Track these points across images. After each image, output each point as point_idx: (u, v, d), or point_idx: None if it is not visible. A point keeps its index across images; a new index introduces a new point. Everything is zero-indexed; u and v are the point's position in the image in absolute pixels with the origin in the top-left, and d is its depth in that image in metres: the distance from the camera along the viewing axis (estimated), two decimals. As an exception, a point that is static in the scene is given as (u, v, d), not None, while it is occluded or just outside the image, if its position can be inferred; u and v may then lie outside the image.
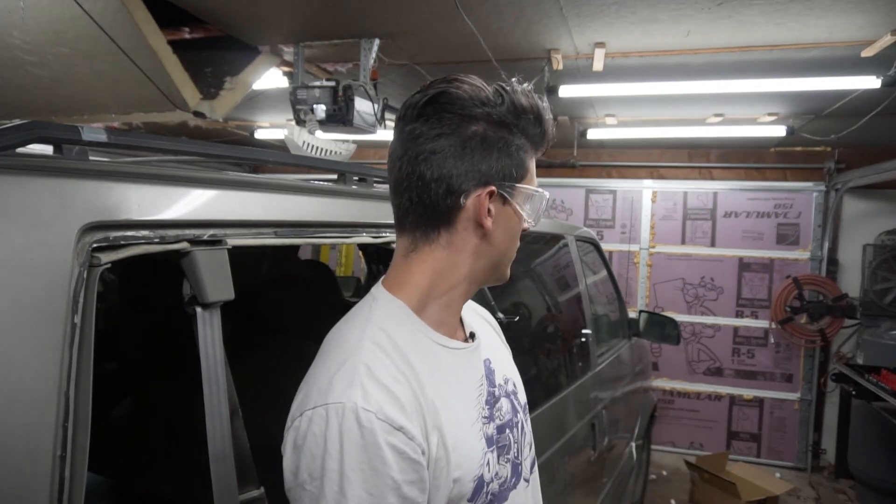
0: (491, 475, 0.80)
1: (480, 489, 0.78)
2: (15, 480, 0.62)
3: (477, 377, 0.85)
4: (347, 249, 5.15)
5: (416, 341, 0.78)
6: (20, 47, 2.31)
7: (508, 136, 0.79)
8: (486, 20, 2.33)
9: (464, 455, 0.76)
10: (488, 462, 0.80)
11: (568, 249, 2.55)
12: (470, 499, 0.77)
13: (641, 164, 4.94)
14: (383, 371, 0.73)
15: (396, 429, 0.69)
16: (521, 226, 0.84)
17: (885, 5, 2.03)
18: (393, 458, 0.68)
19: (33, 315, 0.65)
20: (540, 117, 0.81)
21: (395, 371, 0.73)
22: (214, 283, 0.88)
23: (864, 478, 3.64)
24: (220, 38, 2.67)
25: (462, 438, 0.77)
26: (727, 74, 2.84)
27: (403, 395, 0.72)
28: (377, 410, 0.69)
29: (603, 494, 2.43)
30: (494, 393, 0.87)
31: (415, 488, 0.70)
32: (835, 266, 4.54)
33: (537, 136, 0.82)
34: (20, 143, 0.71)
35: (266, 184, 1.05)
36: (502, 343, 1.02)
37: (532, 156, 0.83)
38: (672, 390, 4.87)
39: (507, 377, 0.92)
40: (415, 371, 0.75)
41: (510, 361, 0.98)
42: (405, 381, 0.73)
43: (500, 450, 0.84)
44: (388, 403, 0.70)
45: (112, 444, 1.66)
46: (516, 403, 0.92)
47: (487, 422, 0.83)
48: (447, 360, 0.81)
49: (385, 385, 0.71)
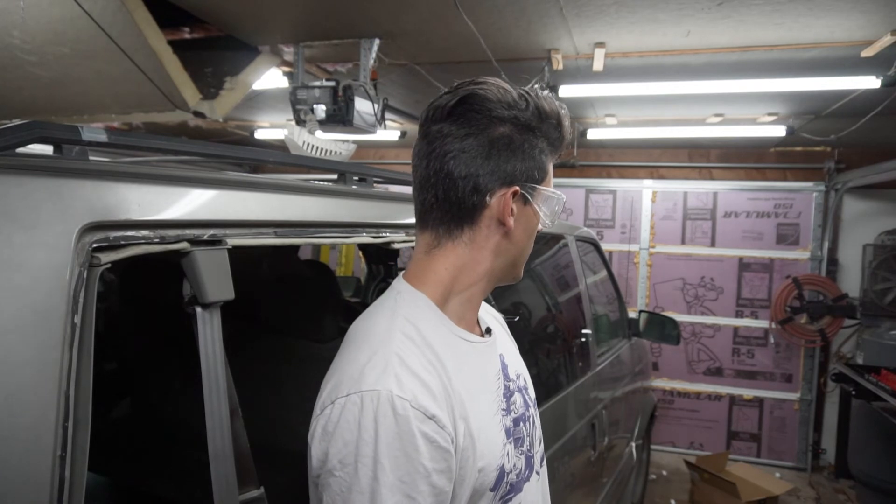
0: (510, 466, 0.82)
1: (502, 479, 0.80)
2: (15, 480, 0.62)
3: (495, 370, 0.88)
4: (347, 249, 5.15)
5: (440, 334, 0.81)
6: (20, 47, 2.31)
7: (532, 138, 0.82)
8: (486, 20, 2.33)
9: (487, 445, 0.78)
10: (508, 453, 0.82)
11: (568, 249, 2.55)
12: (492, 488, 0.79)
13: (641, 164, 4.95)
14: (415, 361, 0.74)
15: (429, 417, 0.71)
16: (539, 226, 0.87)
17: (885, 5, 2.03)
18: (425, 447, 0.70)
19: (33, 315, 0.65)
20: (560, 122, 0.84)
21: (426, 362, 0.75)
22: (214, 283, 0.88)
23: (864, 478, 3.64)
24: (220, 38, 2.67)
25: (485, 429, 0.79)
26: (727, 74, 2.84)
27: (434, 384, 0.74)
28: (412, 399, 0.70)
29: (603, 494, 2.43)
30: (510, 387, 0.89)
31: (443, 477, 0.71)
32: (835, 266, 4.54)
33: (557, 140, 0.85)
34: (20, 143, 0.71)
35: (266, 184, 1.05)
36: (511, 339, 1.05)
37: (551, 159, 0.86)
38: (672, 390, 4.87)
39: (518, 372, 0.95)
40: (442, 362, 0.77)
41: (519, 357, 1.01)
42: (435, 372, 0.75)
43: (516, 442, 0.86)
44: (422, 392, 0.72)
45: (112, 444, 1.66)
46: (527, 398, 0.94)
47: (506, 414, 0.85)
48: (469, 353, 0.84)
49: (418, 374, 0.73)
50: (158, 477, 1.68)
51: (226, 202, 0.96)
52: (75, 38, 2.23)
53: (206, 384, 0.87)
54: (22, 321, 0.64)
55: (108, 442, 1.50)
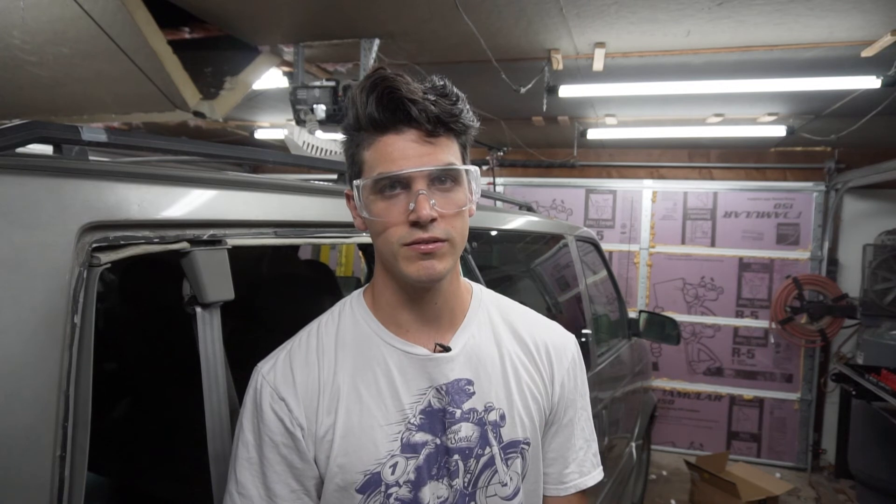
0: (394, 479, 0.82)
1: (375, 486, 0.81)
2: (15, 480, 0.62)
3: (422, 385, 0.84)
4: (347, 249, 5.15)
5: (359, 333, 0.87)
6: (20, 47, 2.31)
7: (349, 143, 0.84)
8: (485, 20, 2.33)
9: (355, 445, 0.81)
10: (395, 465, 0.82)
11: (568, 249, 2.55)
12: (360, 490, 0.81)
13: (641, 164, 4.94)
14: (297, 356, 0.86)
15: (280, 399, 0.83)
16: (367, 214, 0.81)
17: (885, 5, 2.03)
18: (272, 420, 0.82)
19: (33, 315, 0.65)
20: (354, 103, 0.79)
21: (310, 358, 0.86)
22: (214, 283, 0.88)
23: (864, 478, 3.64)
24: (220, 38, 2.67)
25: (359, 429, 0.82)
26: (727, 74, 2.84)
27: (302, 378, 0.84)
28: (271, 381, 0.84)
29: (603, 494, 2.43)
30: (451, 411, 0.84)
31: (293, 453, 0.82)
32: (835, 266, 4.54)
33: (360, 117, 0.79)
34: (20, 143, 0.71)
35: (266, 184, 1.05)
36: (531, 374, 0.92)
37: (366, 142, 0.80)
38: (672, 390, 4.87)
39: (490, 405, 0.87)
40: (337, 360, 0.85)
41: (516, 394, 0.90)
42: (314, 368, 0.85)
43: (432, 466, 0.83)
44: (283, 380, 0.84)
45: (112, 445, 1.66)
46: (491, 436, 0.86)
47: (414, 430, 0.83)
48: (386, 357, 0.85)
49: (291, 367, 0.85)
50: (158, 477, 1.68)
51: (226, 202, 0.96)
52: (75, 38, 2.23)
53: (206, 384, 0.88)
54: (22, 321, 0.64)
55: (108, 442, 1.50)
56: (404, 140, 0.77)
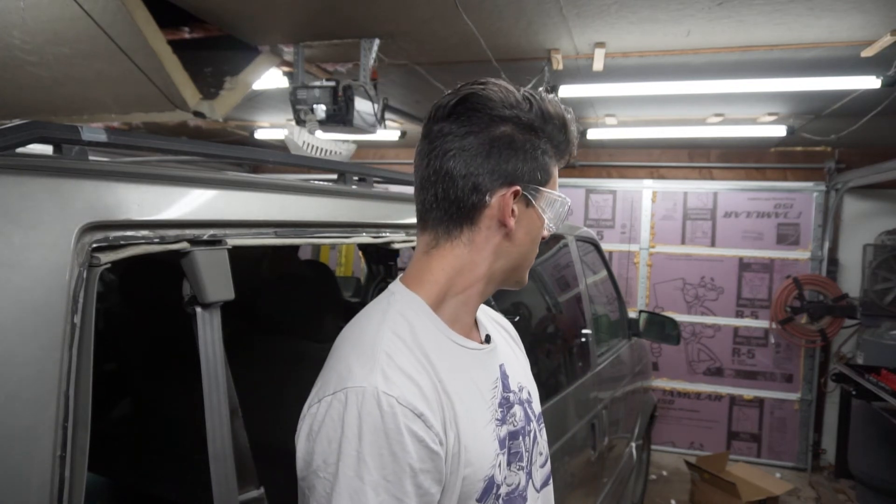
0: (501, 478, 0.80)
1: (490, 490, 0.78)
2: (15, 480, 0.62)
3: (492, 379, 0.85)
4: (347, 249, 5.15)
5: (433, 337, 0.79)
6: (20, 47, 2.31)
7: (535, 139, 0.80)
8: (486, 20, 2.33)
9: (476, 453, 0.76)
10: (500, 464, 0.80)
11: (568, 249, 2.55)
12: (478, 499, 0.76)
13: (641, 164, 4.94)
14: (405, 360, 0.73)
15: (417, 415, 0.69)
16: (543, 230, 0.85)
17: (885, 5, 2.03)
18: (412, 445, 0.68)
19: (33, 315, 0.65)
20: (565, 125, 0.83)
21: (416, 361, 0.74)
22: (214, 283, 0.88)
23: (864, 478, 3.64)
24: (220, 38, 2.66)
25: (475, 436, 0.77)
26: (727, 74, 2.84)
27: (424, 384, 0.72)
28: (399, 396, 0.69)
29: (603, 494, 2.43)
30: (509, 398, 0.86)
31: (430, 478, 0.70)
32: (835, 266, 4.54)
33: (562, 143, 0.84)
34: (20, 143, 0.71)
35: (266, 184, 1.05)
36: (520, 351, 1.02)
37: (556, 163, 0.85)
38: (672, 390, 4.87)
39: (521, 385, 0.92)
40: (433, 364, 0.75)
41: (526, 371, 0.98)
42: (425, 373, 0.73)
43: (512, 456, 0.83)
44: (410, 390, 0.70)
45: (112, 445, 1.66)
46: (530, 413, 0.91)
47: (500, 424, 0.82)
48: (463, 357, 0.81)
49: (406, 372, 0.71)
50: (158, 477, 1.68)
51: (226, 202, 0.96)
52: (75, 38, 2.23)
53: (206, 384, 0.87)
54: (22, 321, 0.64)
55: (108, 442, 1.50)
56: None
